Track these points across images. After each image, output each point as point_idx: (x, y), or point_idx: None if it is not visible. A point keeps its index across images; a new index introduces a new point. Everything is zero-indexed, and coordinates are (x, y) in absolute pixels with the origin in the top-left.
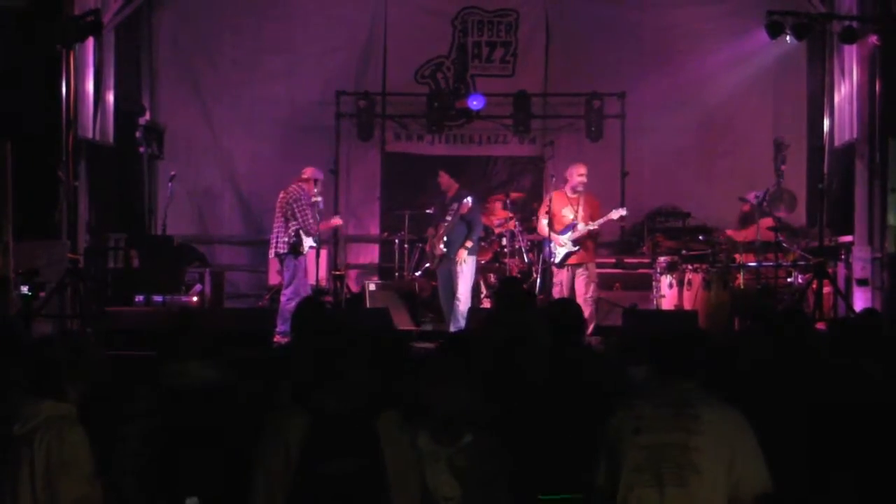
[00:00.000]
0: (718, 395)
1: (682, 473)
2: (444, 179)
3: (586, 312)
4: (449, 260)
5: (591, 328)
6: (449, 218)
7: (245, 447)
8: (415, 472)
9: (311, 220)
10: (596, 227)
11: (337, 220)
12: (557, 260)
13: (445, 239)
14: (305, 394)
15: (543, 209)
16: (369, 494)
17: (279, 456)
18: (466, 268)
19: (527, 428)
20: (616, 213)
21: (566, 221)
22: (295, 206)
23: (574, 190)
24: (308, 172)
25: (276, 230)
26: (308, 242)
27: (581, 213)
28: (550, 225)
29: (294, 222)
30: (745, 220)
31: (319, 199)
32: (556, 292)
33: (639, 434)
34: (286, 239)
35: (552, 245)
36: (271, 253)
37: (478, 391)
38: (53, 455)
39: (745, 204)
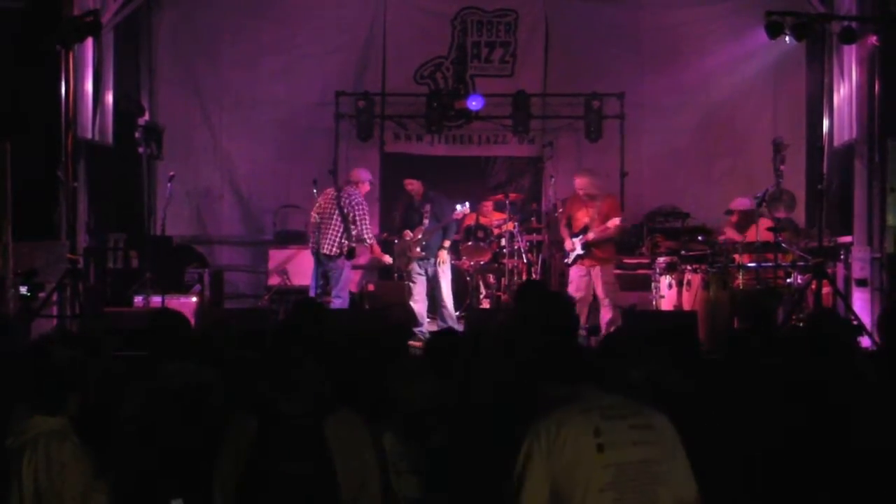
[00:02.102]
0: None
1: (656, 489)
2: (414, 185)
3: (606, 315)
4: (425, 261)
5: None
6: (426, 221)
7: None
8: (371, 472)
9: (368, 229)
10: (593, 236)
11: (387, 259)
12: (569, 261)
13: (423, 243)
14: (257, 397)
15: (564, 214)
16: (321, 496)
17: (230, 459)
18: (447, 268)
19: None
20: (612, 223)
21: (580, 224)
22: (356, 210)
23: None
24: (357, 175)
25: (333, 228)
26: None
27: (596, 215)
28: (569, 226)
29: (354, 227)
30: (741, 226)
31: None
32: (572, 290)
33: (602, 452)
34: (345, 241)
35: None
36: (325, 249)
37: (452, 389)
38: (41, 476)
39: (732, 215)
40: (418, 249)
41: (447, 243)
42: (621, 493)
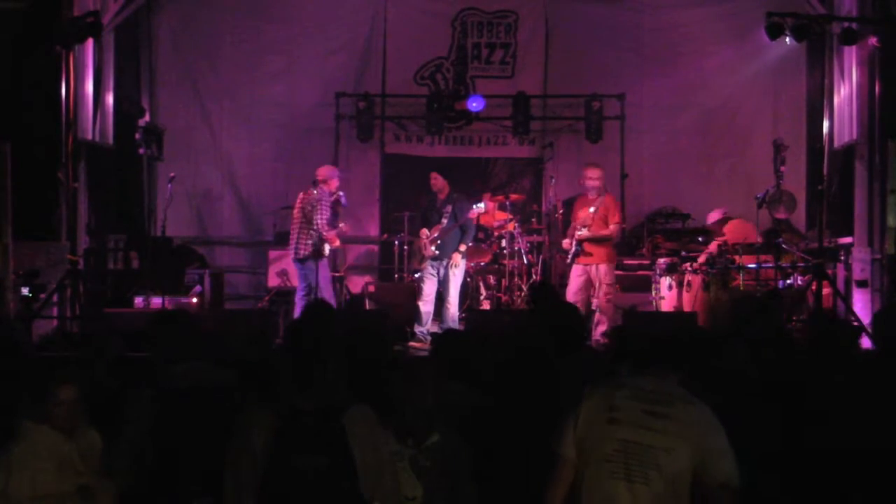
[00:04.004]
0: (695, 389)
1: (647, 472)
2: (439, 181)
3: (602, 326)
4: (438, 262)
5: (601, 330)
6: (444, 221)
7: None
8: (388, 466)
9: (324, 223)
10: (588, 234)
11: (344, 228)
12: (569, 260)
13: (439, 241)
14: (274, 393)
15: (573, 215)
16: (339, 490)
17: (246, 455)
18: (459, 271)
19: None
20: (612, 228)
21: (580, 223)
22: (316, 207)
23: (588, 192)
24: (322, 173)
25: (295, 233)
26: (327, 247)
27: (595, 214)
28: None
29: (314, 225)
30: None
31: (342, 193)
32: (571, 289)
33: (612, 424)
34: (309, 241)
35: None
36: (292, 256)
37: (456, 388)
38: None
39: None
40: (433, 248)
41: (463, 247)
42: (619, 468)
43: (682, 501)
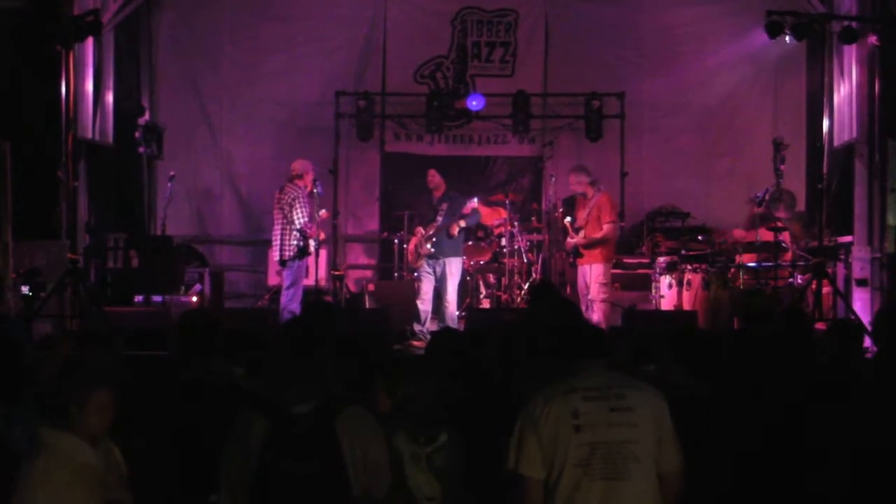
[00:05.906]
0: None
1: (627, 465)
2: (436, 178)
3: (594, 317)
4: (434, 260)
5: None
6: (439, 218)
7: None
8: (382, 467)
9: (306, 221)
10: (581, 241)
11: (323, 214)
12: (571, 260)
13: (434, 239)
14: (266, 395)
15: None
16: (334, 493)
17: (240, 458)
18: (455, 269)
19: None
20: (604, 231)
21: (579, 224)
22: (294, 206)
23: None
24: (297, 167)
25: (277, 233)
26: (312, 243)
27: (588, 216)
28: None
29: (294, 225)
30: (756, 223)
31: (318, 184)
32: (577, 289)
33: (580, 432)
34: (294, 243)
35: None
36: (276, 256)
37: (455, 386)
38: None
39: (756, 204)
40: (428, 246)
41: (463, 223)
42: (593, 469)
43: (656, 489)
